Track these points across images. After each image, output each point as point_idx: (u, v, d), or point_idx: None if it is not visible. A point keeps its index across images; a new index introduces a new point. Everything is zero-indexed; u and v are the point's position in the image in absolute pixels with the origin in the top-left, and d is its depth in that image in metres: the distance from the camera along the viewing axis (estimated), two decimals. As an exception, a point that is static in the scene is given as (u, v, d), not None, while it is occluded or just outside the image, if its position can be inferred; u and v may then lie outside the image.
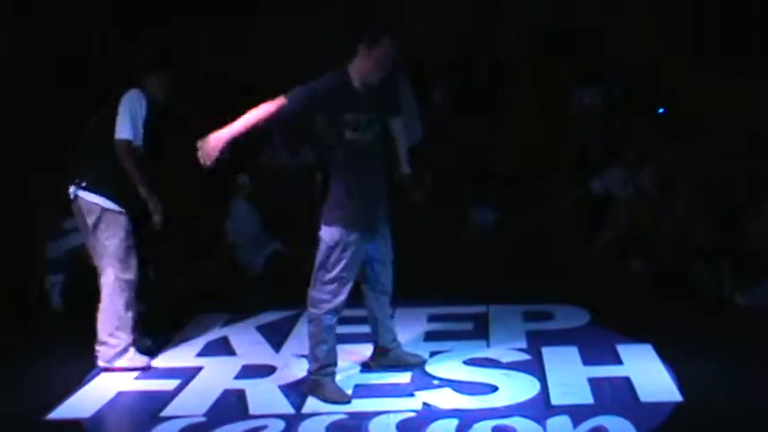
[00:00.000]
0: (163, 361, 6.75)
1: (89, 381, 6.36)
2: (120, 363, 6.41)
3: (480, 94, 11.99)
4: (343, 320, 7.46)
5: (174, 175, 9.28)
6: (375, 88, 5.91)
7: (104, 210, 6.33)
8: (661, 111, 11.69)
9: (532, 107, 11.83)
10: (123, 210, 6.36)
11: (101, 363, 6.43)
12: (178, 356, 6.86)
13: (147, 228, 6.54)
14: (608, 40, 11.87)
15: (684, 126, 10.86)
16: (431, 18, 12.29)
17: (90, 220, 6.38)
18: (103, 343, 6.40)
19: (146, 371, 6.49)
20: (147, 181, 6.35)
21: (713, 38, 11.53)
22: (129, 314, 6.43)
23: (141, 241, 6.59)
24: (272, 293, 8.81)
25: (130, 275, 6.42)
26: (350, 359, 6.57)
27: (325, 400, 5.83)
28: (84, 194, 6.37)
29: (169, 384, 6.25)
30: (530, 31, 12.18)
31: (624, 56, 11.82)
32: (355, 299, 8.01)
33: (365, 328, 7.25)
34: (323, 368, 5.92)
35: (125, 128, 6.27)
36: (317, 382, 5.91)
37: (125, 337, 6.42)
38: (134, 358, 6.44)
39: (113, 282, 6.37)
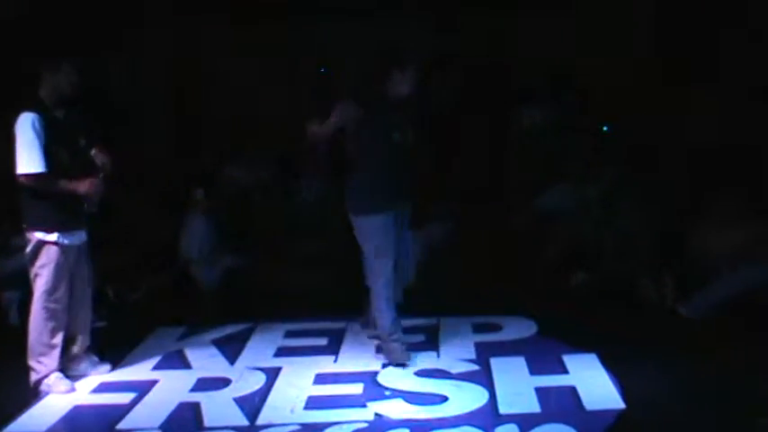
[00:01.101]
0: (119, 374, 6.73)
1: (45, 395, 6.32)
2: (42, 387, 6.35)
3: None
4: (299, 333, 7.58)
5: (128, 189, 9.28)
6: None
7: (40, 241, 6.25)
8: (605, 128, 11.83)
9: (478, 126, 11.91)
10: (57, 241, 6.25)
11: (30, 384, 6.39)
12: (134, 370, 6.84)
13: (88, 210, 6.42)
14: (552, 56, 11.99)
15: (627, 142, 11.01)
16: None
17: (28, 248, 6.32)
18: (30, 367, 6.36)
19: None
20: (66, 185, 6.19)
21: (657, 53, 11.69)
22: (55, 341, 6.34)
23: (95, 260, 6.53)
24: (228, 307, 8.79)
25: (57, 306, 6.33)
26: (304, 371, 6.59)
27: (391, 362, 6.64)
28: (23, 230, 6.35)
29: (125, 398, 6.24)
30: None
31: (567, 74, 11.96)
32: (310, 312, 8.12)
33: (321, 341, 7.32)
34: (390, 335, 6.71)
35: (20, 161, 6.09)
36: (387, 347, 6.73)
37: (48, 365, 6.33)
38: (55, 384, 6.34)
39: (40, 310, 6.31)
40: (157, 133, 11.98)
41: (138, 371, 6.82)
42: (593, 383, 6.15)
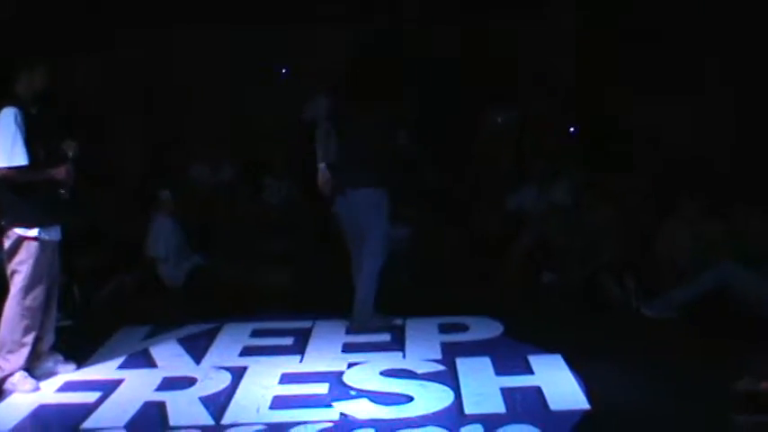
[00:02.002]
0: (84, 373, 6.65)
1: (9, 394, 6.24)
2: (6, 386, 6.26)
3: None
4: (265, 333, 7.55)
5: (95, 188, 9.21)
6: None
7: (20, 237, 6.20)
8: (572, 130, 11.90)
9: (445, 126, 11.94)
10: (38, 236, 6.20)
11: None
12: (99, 369, 6.77)
13: (64, 197, 6.36)
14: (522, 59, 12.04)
15: (596, 144, 11.08)
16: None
17: (6, 245, 6.26)
18: None
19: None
20: (44, 173, 6.17)
21: (628, 57, 11.77)
22: (26, 339, 6.26)
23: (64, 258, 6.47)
24: (194, 307, 8.74)
25: (33, 303, 6.27)
26: (269, 371, 6.57)
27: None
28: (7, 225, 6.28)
29: (90, 397, 6.17)
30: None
31: (538, 75, 12.01)
32: (276, 311, 8.10)
33: (287, 341, 7.30)
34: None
35: (3, 155, 6.05)
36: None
37: (15, 363, 6.25)
38: (20, 383, 6.25)
39: (15, 307, 6.24)
40: (125, 133, 11.91)
41: (104, 370, 6.75)
42: (559, 384, 6.15)
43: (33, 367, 6.42)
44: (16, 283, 6.24)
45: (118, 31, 11.80)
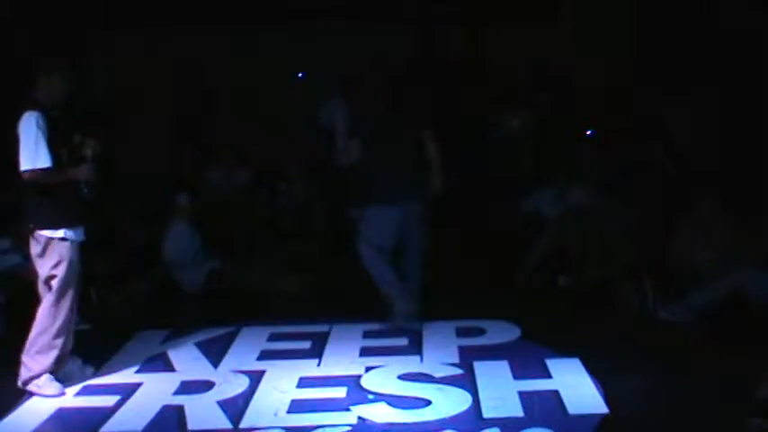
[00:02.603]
0: (102, 377, 6.69)
1: (29, 398, 6.28)
2: (31, 387, 6.30)
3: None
4: (283, 336, 7.57)
5: (112, 191, 9.24)
6: None
7: (49, 239, 6.24)
8: (589, 132, 11.87)
9: (463, 127, 11.95)
10: (65, 236, 6.25)
11: (18, 382, 6.35)
12: (118, 373, 6.80)
13: (89, 197, 6.39)
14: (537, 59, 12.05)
15: (610, 147, 11.05)
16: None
17: (35, 249, 6.31)
18: (23, 363, 6.31)
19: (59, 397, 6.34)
20: (66, 174, 6.23)
21: (644, 59, 11.75)
22: (57, 342, 6.30)
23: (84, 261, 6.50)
24: (211, 311, 8.77)
25: (66, 304, 6.32)
26: (287, 375, 6.58)
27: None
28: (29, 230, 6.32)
29: (109, 400, 6.21)
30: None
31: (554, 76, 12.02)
32: (294, 315, 8.12)
33: (305, 344, 7.31)
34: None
35: (25, 158, 6.11)
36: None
37: (42, 364, 6.28)
38: (44, 386, 6.29)
39: (48, 308, 6.28)
40: (142, 137, 11.95)
41: (122, 374, 6.79)
42: (577, 388, 6.15)
43: (54, 371, 6.45)
44: (54, 286, 6.27)
45: (131, 32, 11.85)
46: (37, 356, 6.28)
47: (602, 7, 11.87)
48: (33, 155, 6.10)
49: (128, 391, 6.39)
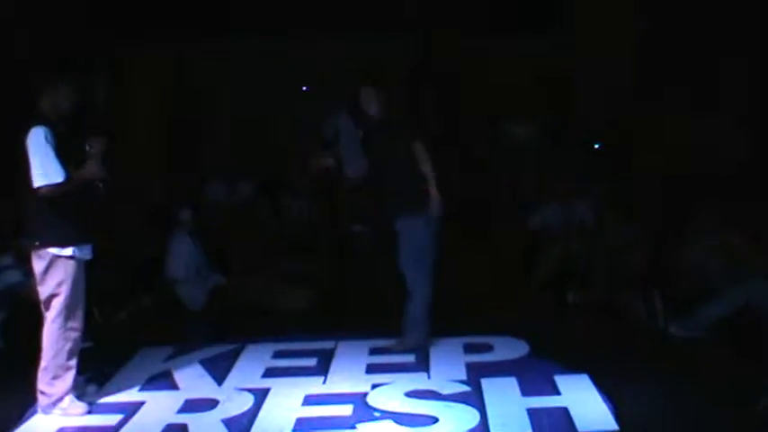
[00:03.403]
0: (105, 396, 6.65)
1: (30, 417, 6.25)
2: (55, 411, 6.23)
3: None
4: (288, 353, 7.54)
5: (114, 207, 9.22)
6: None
7: (54, 256, 6.18)
8: (597, 145, 11.88)
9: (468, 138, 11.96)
10: (73, 255, 6.21)
11: (39, 410, 6.30)
12: (120, 391, 6.76)
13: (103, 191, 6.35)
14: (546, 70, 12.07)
15: (618, 159, 11.05)
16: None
17: (39, 267, 6.25)
18: (41, 392, 6.25)
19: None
20: (76, 180, 6.15)
21: (651, 70, 11.77)
22: (71, 363, 6.25)
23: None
24: (215, 327, 8.75)
25: (74, 324, 6.27)
26: (293, 393, 6.56)
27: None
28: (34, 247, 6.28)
29: (111, 419, 6.16)
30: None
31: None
32: (299, 331, 8.09)
33: (310, 361, 7.28)
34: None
35: (38, 174, 6.05)
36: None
37: (62, 387, 6.23)
38: (69, 407, 6.24)
39: (57, 330, 6.22)
40: (144, 151, 11.96)
41: (125, 392, 6.74)
42: (586, 404, 6.11)
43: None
44: (56, 306, 6.20)
45: (133, 47, 11.86)
46: (55, 381, 6.22)
47: (604, 15, 11.88)
48: (46, 170, 6.04)
49: (131, 409, 6.34)
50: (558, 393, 6.38)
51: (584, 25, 11.98)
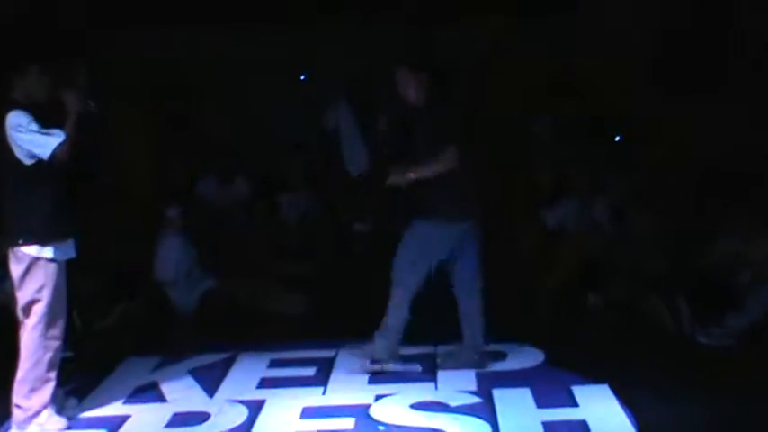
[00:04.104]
0: (87, 410, 6.63)
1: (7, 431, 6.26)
2: (31, 428, 6.20)
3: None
4: (284, 362, 7.54)
5: (98, 205, 9.21)
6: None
7: (34, 259, 6.16)
8: (617, 138, 11.86)
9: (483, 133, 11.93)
10: (54, 257, 6.20)
11: (14, 426, 6.28)
12: (103, 404, 6.74)
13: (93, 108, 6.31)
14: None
15: (639, 155, 11.02)
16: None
17: (17, 271, 6.22)
18: (17, 406, 6.23)
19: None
20: (72, 124, 6.12)
21: (670, 65, 11.76)
22: (51, 375, 6.23)
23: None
24: (206, 334, 8.75)
25: (57, 332, 6.26)
26: (290, 404, 6.55)
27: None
28: (14, 246, 6.25)
29: (94, 435, 6.19)
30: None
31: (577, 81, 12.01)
32: (296, 339, 8.09)
33: (308, 371, 7.28)
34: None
35: (39, 145, 6.03)
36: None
37: (40, 401, 6.20)
38: (47, 422, 6.20)
39: (37, 338, 6.20)
40: (131, 145, 11.95)
41: (108, 405, 6.73)
42: (606, 417, 6.11)
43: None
44: (36, 313, 6.18)
45: (118, 33, 11.84)
46: (32, 394, 6.19)
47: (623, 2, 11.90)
48: (45, 138, 6.03)
49: (114, 424, 6.34)
50: (576, 405, 6.38)
51: (600, 16, 11.98)
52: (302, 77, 12.92)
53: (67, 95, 6.22)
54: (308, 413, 6.43)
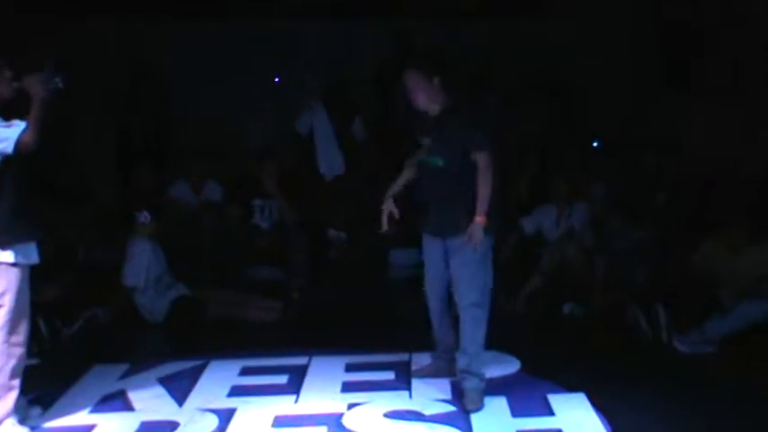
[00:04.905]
0: (51, 419, 6.55)
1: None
2: None
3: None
4: (256, 370, 7.50)
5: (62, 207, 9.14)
6: (439, 117, 6.60)
7: None
8: (596, 144, 11.89)
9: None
10: (16, 261, 6.13)
11: None
12: (68, 413, 6.66)
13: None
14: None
15: (619, 160, 11.05)
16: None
17: None
18: None
19: None
20: (35, 112, 5.96)
21: (653, 66, 11.81)
22: (14, 383, 6.15)
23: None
24: (176, 342, 8.70)
25: (20, 339, 6.18)
26: (261, 413, 6.52)
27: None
28: None
29: (59, 445, 6.14)
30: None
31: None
32: (268, 346, 8.06)
33: (280, 379, 7.25)
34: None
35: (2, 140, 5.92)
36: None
37: (2, 410, 6.09)
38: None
39: (0, 345, 6.17)
40: (96, 144, 11.89)
41: (74, 414, 6.65)
42: (582, 426, 6.11)
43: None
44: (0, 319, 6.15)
45: (83, 27, 11.78)
46: None
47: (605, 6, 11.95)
48: (5, 130, 5.90)
49: (80, 433, 6.29)
50: (552, 414, 6.37)
51: (582, 17, 12.03)
52: (276, 79, 12.90)
53: (30, 81, 6.06)
54: (280, 421, 6.40)
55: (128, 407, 6.85)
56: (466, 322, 6.63)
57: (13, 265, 6.07)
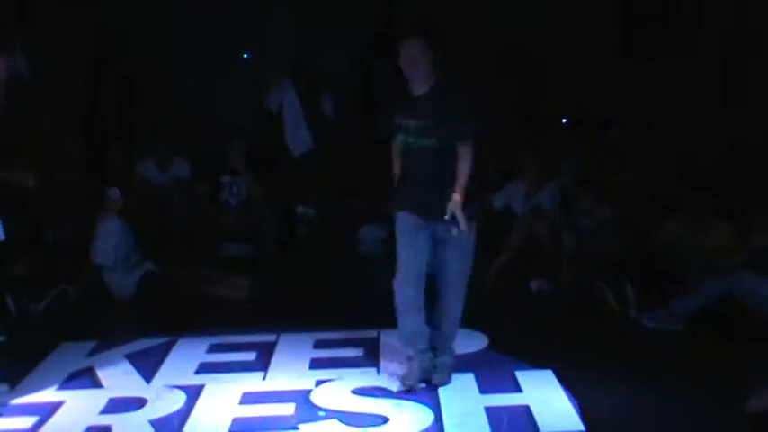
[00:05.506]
0: (18, 396, 6.56)
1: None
2: None
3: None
4: (224, 347, 7.50)
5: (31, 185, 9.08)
6: (430, 95, 6.28)
7: None
8: (564, 120, 11.91)
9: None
10: None
11: None
12: (36, 390, 6.67)
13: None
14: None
15: (589, 137, 11.08)
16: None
17: None
18: None
19: None
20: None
21: (625, 45, 11.83)
22: None
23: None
24: (144, 319, 8.68)
25: None
26: (229, 390, 6.54)
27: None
28: None
29: (25, 422, 6.10)
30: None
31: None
32: (237, 323, 8.06)
33: (249, 356, 7.25)
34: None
35: None
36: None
37: None
38: None
39: None
40: (63, 121, 11.79)
41: (41, 391, 6.66)
42: (549, 402, 6.15)
43: None
44: None
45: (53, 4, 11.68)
46: None
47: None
48: None
49: (47, 410, 6.28)
50: (520, 390, 6.41)
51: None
52: (245, 55, 12.84)
53: None
54: (247, 398, 6.41)
55: (96, 384, 6.85)
56: (452, 305, 6.66)
57: None
